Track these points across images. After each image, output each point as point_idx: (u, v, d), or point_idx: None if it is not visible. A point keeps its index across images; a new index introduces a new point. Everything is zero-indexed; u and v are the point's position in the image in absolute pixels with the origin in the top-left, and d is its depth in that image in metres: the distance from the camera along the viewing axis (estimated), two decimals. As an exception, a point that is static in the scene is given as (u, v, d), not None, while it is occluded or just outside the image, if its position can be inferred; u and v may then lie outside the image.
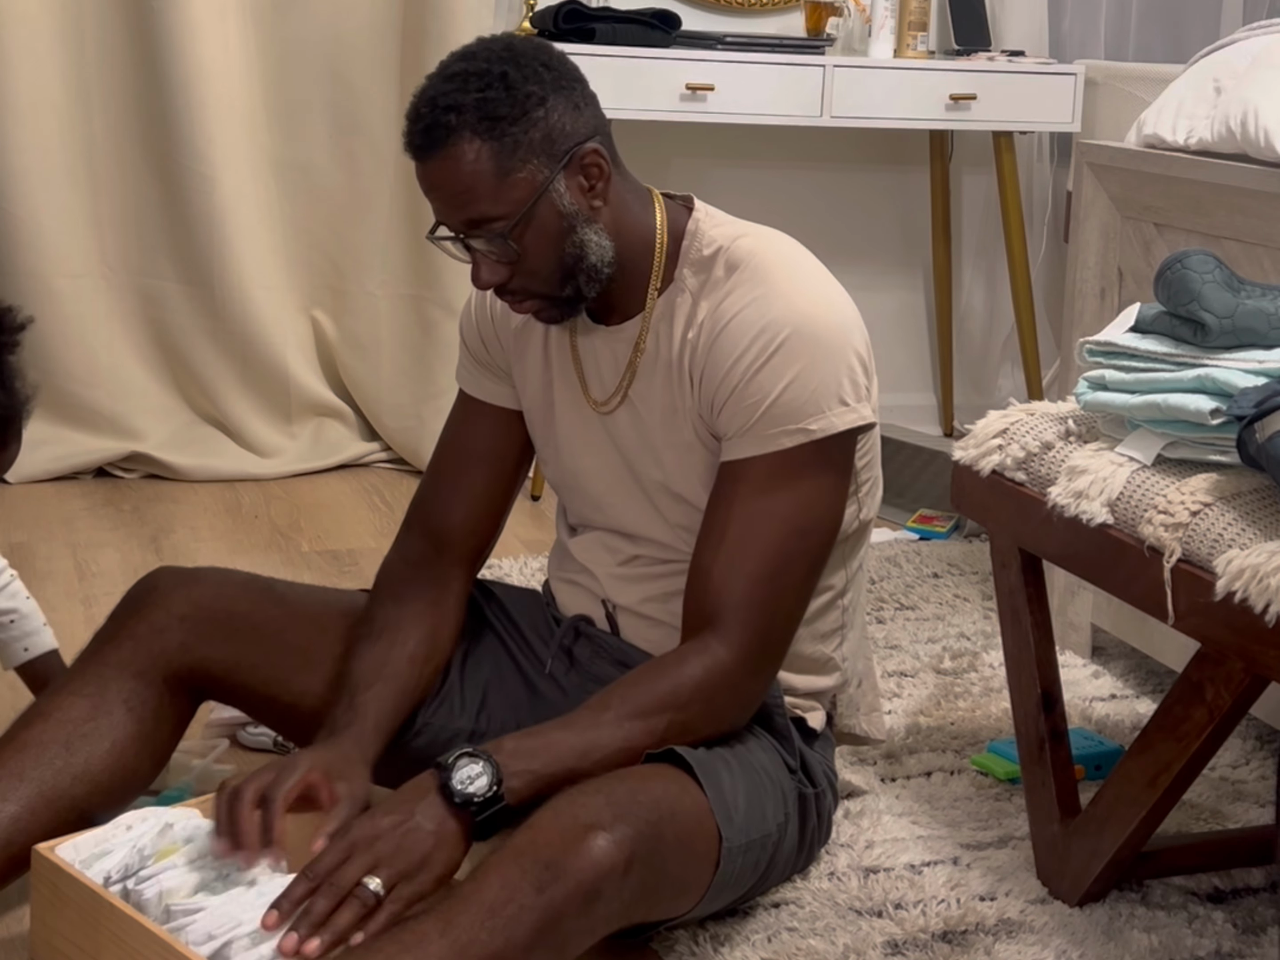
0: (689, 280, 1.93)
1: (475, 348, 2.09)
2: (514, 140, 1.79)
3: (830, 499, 1.90)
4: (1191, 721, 1.86)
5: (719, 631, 1.84)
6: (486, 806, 1.70)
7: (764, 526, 1.86)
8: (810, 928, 1.95)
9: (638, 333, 1.95)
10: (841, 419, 1.87)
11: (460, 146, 1.78)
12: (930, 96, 3.78)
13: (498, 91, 1.79)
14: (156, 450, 3.74)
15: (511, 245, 1.82)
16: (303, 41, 3.74)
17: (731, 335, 1.87)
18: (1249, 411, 1.72)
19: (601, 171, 1.86)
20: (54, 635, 2.23)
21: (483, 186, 1.79)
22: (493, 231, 1.81)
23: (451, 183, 1.80)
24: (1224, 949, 1.95)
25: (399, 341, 3.86)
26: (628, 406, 1.97)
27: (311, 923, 1.60)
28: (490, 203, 1.80)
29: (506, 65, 1.80)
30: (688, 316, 1.92)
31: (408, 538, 2.10)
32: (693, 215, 1.95)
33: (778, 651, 1.91)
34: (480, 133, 1.78)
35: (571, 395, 2.01)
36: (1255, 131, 2.42)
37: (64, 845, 1.80)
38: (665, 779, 1.76)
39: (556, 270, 1.86)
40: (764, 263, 1.90)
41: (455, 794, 1.69)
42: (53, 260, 3.66)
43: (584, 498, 2.07)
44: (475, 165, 1.78)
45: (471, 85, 1.79)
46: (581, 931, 1.64)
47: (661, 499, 1.98)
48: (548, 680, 2.08)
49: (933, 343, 4.46)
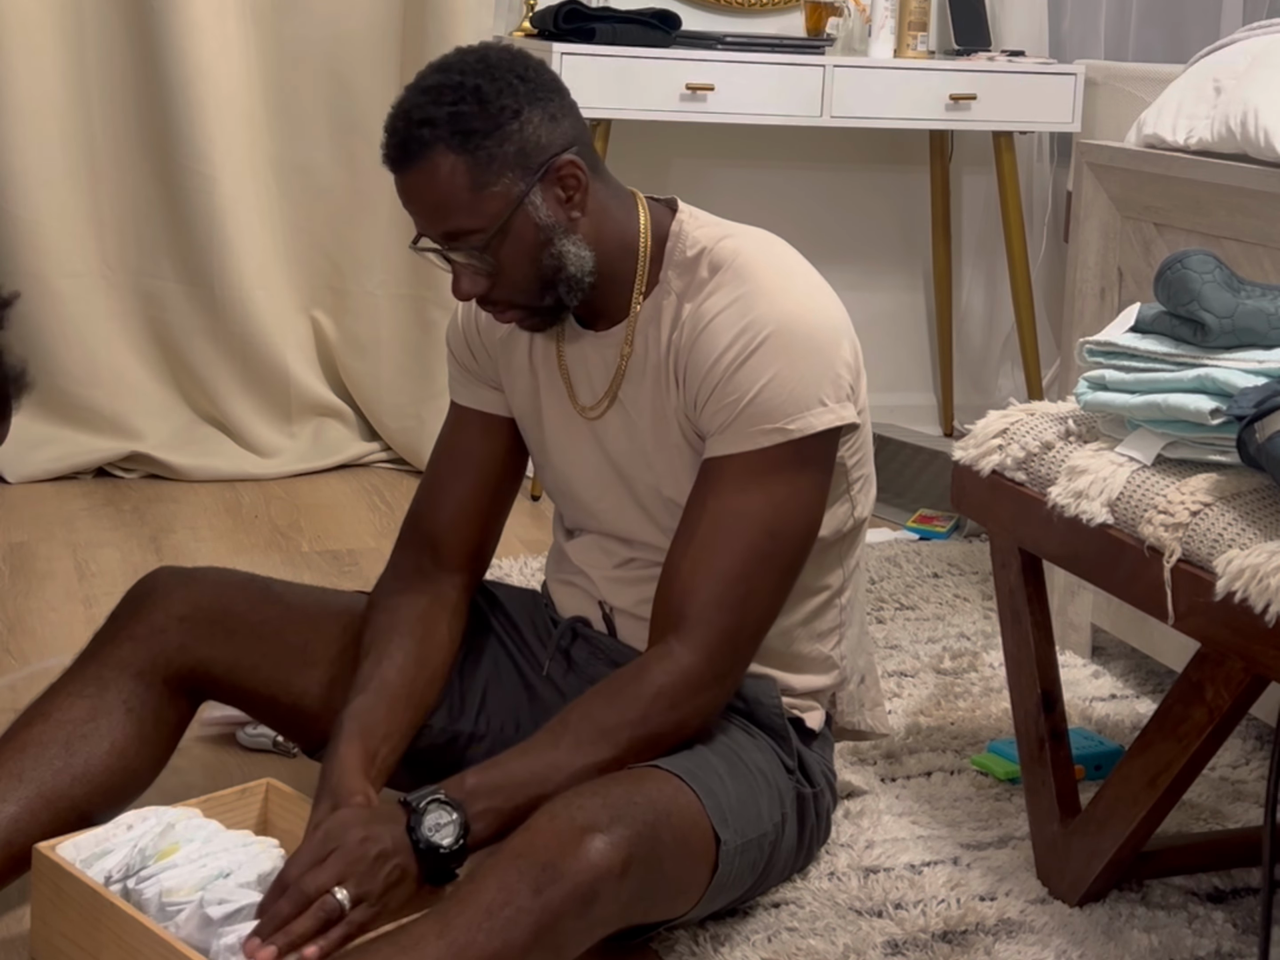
0: (674, 282, 1.92)
1: (463, 357, 2.09)
2: (488, 154, 1.79)
3: (806, 499, 1.88)
4: (1191, 721, 1.86)
5: (683, 634, 1.83)
6: (452, 856, 1.71)
7: (735, 525, 1.84)
8: (810, 928, 1.95)
9: (624, 337, 1.94)
10: (820, 419, 1.86)
11: (434, 161, 1.78)
12: (930, 96, 3.78)
13: (471, 105, 1.78)
14: (156, 450, 3.74)
15: (488, 258, 1.82)
16: (303, 41, 3.74)
17: (713, 334, 1.87)
18: (1249, 411, 1.72)
19: (579, 182, 1.85)
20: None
21: (457, 201, 1.79)
22: (469, 244, 1.81)
23: (427, 196, 1.80)
24: (1224, 949, 1.95)
25: (399, 341, 3.86)
26: (617, 411, 1.96)
27: (271, 926, 1.62)
28: (466, 216, 1.80)
29: (480, 78, 1.80)
30: (673, 318, 1.92)
31: (401, 553, 2.10)
32: (676, 217, 1.95)
33: (744, 655, 1.88)
34: (454, 147, 1.78)
35: (559, 402, 2.01)
36: (1255, 131, 2.42)
37: (65, 844, 1.81)
38: (660, 781, 1.76)
39: (535, 281, 1.86)
40: (747, 262, 1.90)
41: (421, 841, 1.69)
42: (53, 260, 3.66)
43: (576, 503, 2.06)
44: (450, 179, 1.78)
45: (445, 99, 1.79)
46: (579, 933, 1.64)
47: (653, 503, 1.98)
48: (546, 682, 2.08)
49: (933, 343, 4.45)
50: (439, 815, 1.71)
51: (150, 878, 1.75)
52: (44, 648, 2.76)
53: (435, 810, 1.71)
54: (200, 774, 2.30)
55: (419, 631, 2.00)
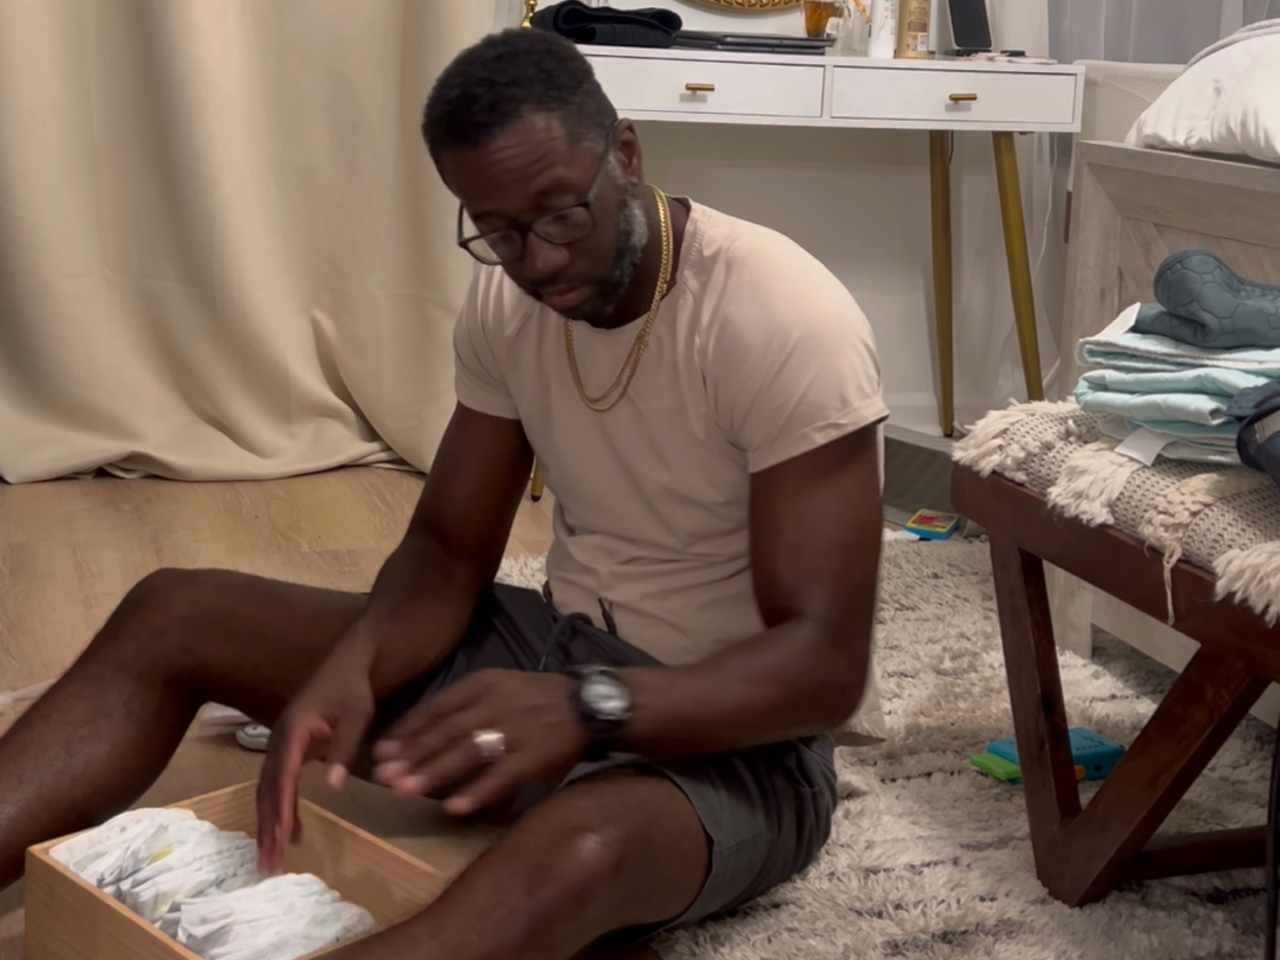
0: (690, 282, 1.92)
1: (468, 359, 2.09)
2: (578, 109, 1.78)
3: (869, 484, 1.90)
4: (1191, 722, 1.86)
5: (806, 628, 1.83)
6: (607, 729, 1.69)
7: (817, 526, 1.85)
8: (810, 928, 1.95)
9: (639, 332, 1.94)
10: (868, 410, 1.87)
11: (530, 117, 1.75)
12: (930, 96, 3.78)
13: (552, 63, 1.78)
14: (156, 450, 3.74)
15: (588, 214, 1.79)
16: (303, 41, 3.74)
17: (742, 344, 1.87)
18: (1249, 412, 1.72)
19: (634, 148, 1.86)
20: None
21: (557, 153, 1.76)
22: (564, 204, 1.77)
23: (524, 154, 1.75)
24: (1224, 949, 1.95)
25: (399, 341, 3.86)
26: (627, 404, 1.97)
27: (417, 758, 1.60)
28: (565, 168, 1.76)
29: (545, 43, 1.80)
30: (691, 318, 1.91)
31: (411, 538, 2.11)
32: (690, 215, 1.95)
33: (865, 649, 1.89)
34: (547, 102, 1.76)
35: (568, 398, 2.01)
36: (1255, 131, 2.42)
37: (59, 847, 1.80)
38: (653, 783, 1.76)
39: (613, 247, 1.83)
40: (763, 263, 1.90)
41: (585, 705, 1.68)
42: (53, 260, 3.66)
43: (583, 500, 2.07)
44: (548, 133, 1.76)
45: (528, 60, 1.77)
46: (572, 933, 1.64)
47: (660, 499, 1.98)
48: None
49: (933, 343, 4.45)
50: (606, 687, 1.70)
51: (146, 880, 1.75)
52: (44, 648, 2.76)
53: (602, 681, 1.70)
54: (200, 774, 2.30)
55: (428, 592, 2.02)
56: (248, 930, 1.66)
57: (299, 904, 1.71)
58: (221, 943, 1.66)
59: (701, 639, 2.00)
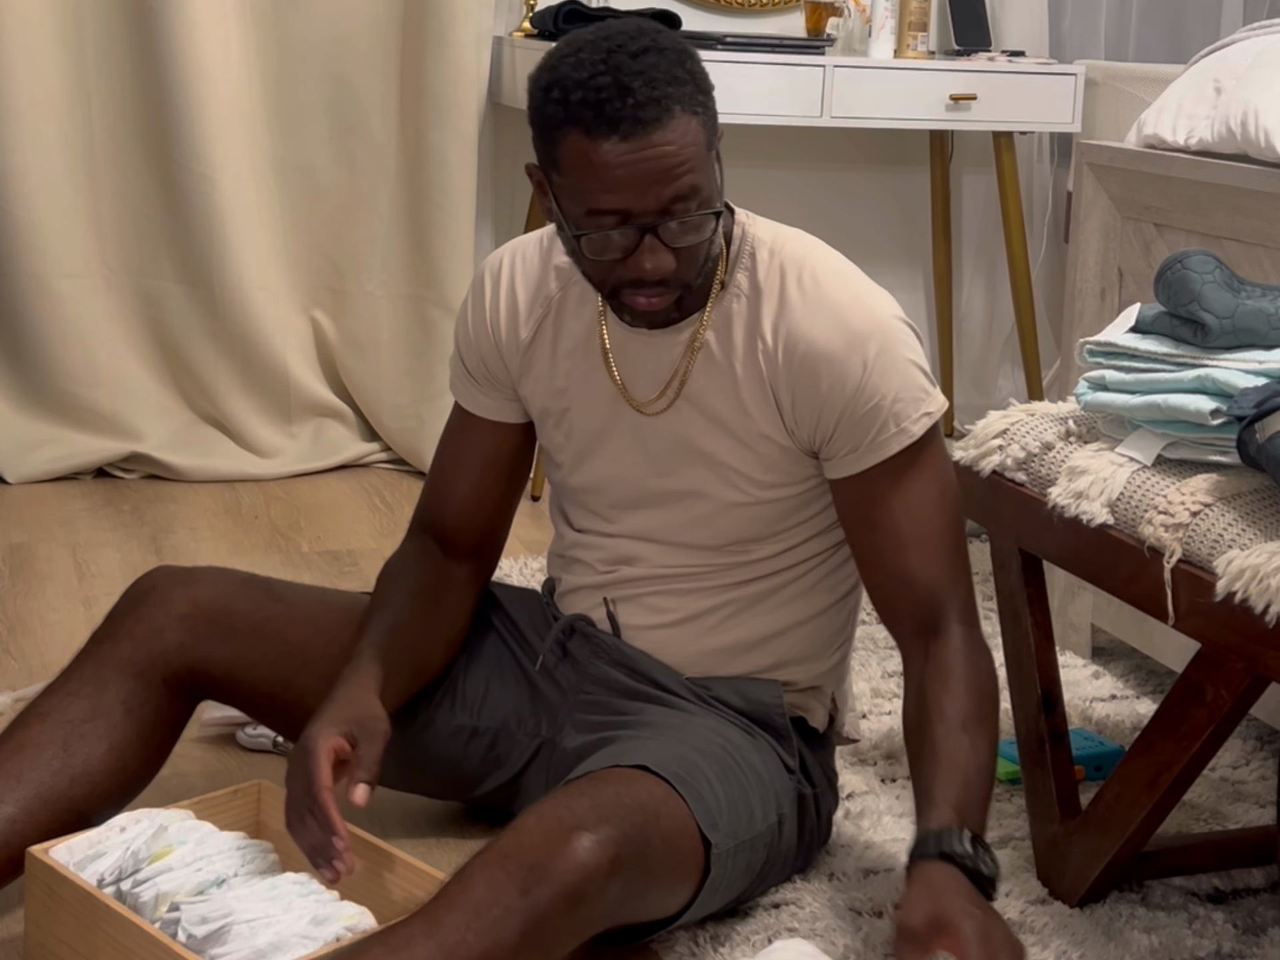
0: (743, 284, 1.91)
1: (474, 366, 2.05)
2: (714, 115, 1.79)
3: (948, 456, 1.97)
4: (1192, 722, 1.86)
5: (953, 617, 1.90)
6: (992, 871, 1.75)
7: (930, 511, 1.91)
8: (810, 928, 1.94)
9: (691, 333, 1.92)
10: (939, 392, 1.92)
11: (682, 120, 1.74)
12: (930, 96, 3.78)
13: (694, 66, 1.77)
14: (156, 450, 3.74)
15: (714, 223, 1.80)
16: (303, 41, 3.74)
17: (818, 355, 1.87)
18: (1249, 412, 1.72)
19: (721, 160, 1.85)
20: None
21: (698, 159, 1.76)
22: (694, 210, 1.77)
23: (671, 155, 1.74)
24: (1224, 949, 1.95)
25: (399, 341, 3.86)
26: (681, 406, 1.94)
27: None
28: (701, 174, 1.77)
29: (681, 44, 1.78)
30: (748, 323, 1.90)
31: (410, 540, 2.10)
32: (736, 218, 1.94)
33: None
34: (693, 106, 1.75)
35: (600, 400, 1.97)
36: (1255, 131, 2.42)
37: (58, 847, 1.80)
38: (650, 784, 1.76)
39: (706, 255, 1.84)
40: (816, 269, 1.90)
41: (983, 877, 1.72)
42: (53, 261, 3.66)
43: (610, 503, 2.03)
44: (692, 138, 1.75)
45: (673, 59, 1.75)
46: (567, 932, 1.64)
47: (702, 504, 1.96)
48: (546, 678, 2.08)
49: (933, 343, 4.45)
50: (965, 846, 1.73)
51: (146, 881, 1.75)
52: (44, 648, 2.76)
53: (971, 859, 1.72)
54: (200, 774, 2.30)
55: (428, 599, 2.01)
56: (247, 930, 1.66)
57: (298, 903, 1.72)
58: (221, 943, 1.66)
59: (711, 642, 2.00)
